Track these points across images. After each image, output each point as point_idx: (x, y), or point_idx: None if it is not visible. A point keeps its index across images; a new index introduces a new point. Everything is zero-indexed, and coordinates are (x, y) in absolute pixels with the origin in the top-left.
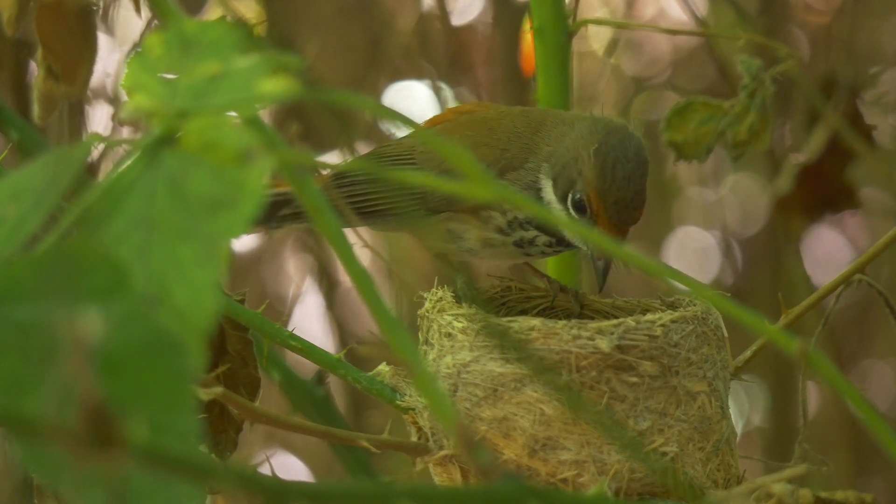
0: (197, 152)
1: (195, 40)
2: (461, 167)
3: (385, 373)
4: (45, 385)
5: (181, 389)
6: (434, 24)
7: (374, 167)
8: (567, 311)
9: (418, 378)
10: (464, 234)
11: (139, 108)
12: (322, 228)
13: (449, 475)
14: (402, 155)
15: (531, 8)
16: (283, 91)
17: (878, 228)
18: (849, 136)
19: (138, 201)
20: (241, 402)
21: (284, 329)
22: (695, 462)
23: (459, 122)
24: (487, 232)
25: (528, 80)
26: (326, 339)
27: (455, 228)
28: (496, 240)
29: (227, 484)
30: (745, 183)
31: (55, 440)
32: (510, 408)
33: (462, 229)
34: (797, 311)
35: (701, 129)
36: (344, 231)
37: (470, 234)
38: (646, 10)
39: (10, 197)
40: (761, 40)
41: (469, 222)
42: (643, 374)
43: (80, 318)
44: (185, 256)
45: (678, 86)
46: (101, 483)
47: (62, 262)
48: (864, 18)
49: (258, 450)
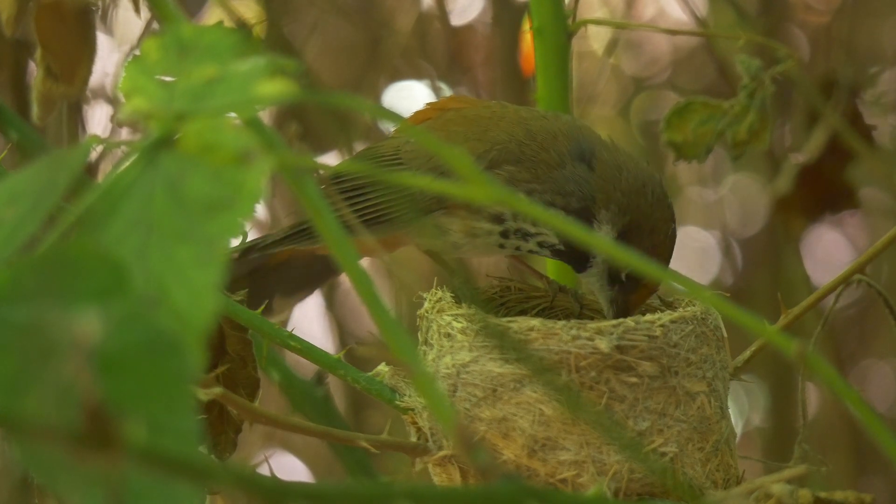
0: (195, 154)
1: (192, 44)
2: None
3: (384, 373)
4: (44, 385)
5: (180, 390)
6: (433, 24)
7: (366, 170)
8: (566, 311)
9: (417, 378)
10: (449, 226)
11: (137, 110)
12: (322, 229)
13: (448, 475)
14: (388, 156)
15: (531, 8)
16: (281, 94)
17: (878, 228)
18: (849, 136)
19: (136, 203)
20: (241, 403)
21: (284, 329)
22: (694, 462)
23: (446, 119)
24: (476, 221)
25: (527, 81)
26: (326, 340)
27: (442, 223)
28: (481, 229)
29: (227, 484)
30: (744, 183)
31: (54, 440)
32: (509, 408)
33: (448, 222)
34: (797, 311)
35: (700, 129)
36: (343, 232)
37: (454, 226)
38: (646, 10)
39: (7, 200)
40: (761, 40)
41: (456, 214)
42: (642, 374)
43: (79, 319)
44: (184, 258)
45: (678, 86)
46: (99, 483)
47: (61, 263)
48: (864, 18)
49: (257, 450)
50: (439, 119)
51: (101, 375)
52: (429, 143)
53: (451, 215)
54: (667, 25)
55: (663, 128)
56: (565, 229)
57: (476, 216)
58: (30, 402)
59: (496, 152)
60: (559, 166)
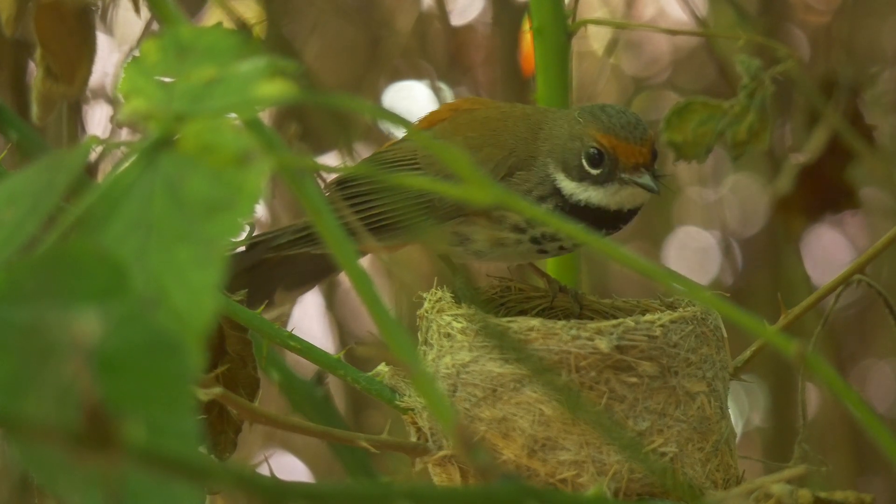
0: (194, 155)
1: (191, 46)
2: (460, 171)
3: (384, 373)
4: (44, 385)
5: (180, 390)
6: (433, 24)
7: (379, 173)
8: (566, 311)
9: (417, 378)
10: (472, 235)
11: (136, 111)
12: (321, 229)
13: (448, 475)
14: (405, 160)
15: (531, 8)
16: (281, 95)
17: (878, 228)
18: (849, 136)
19: (136, 204)
20: (241, 403)
21: (284, 329)
22: (694, 462)
23: (460, 123)
24: (500, 231)
25: (527, 80)
26: (326, 340)
27: (462, 231)
28: (509, 239)
29: (226, 484)
30: (745, 183)
31: (54, 440)
32: (509, 408)
33: (470, 231)
34: (797, 311)
35: (700, 129)
36: (343, 232)
37: (478, 235)
38: (646, 10)
39: (6, 201)
40: (761, 40)
41: (478, 223)
42: (642, 374)
43: (79, 319)
44: (184, 258)
45: (678, 86)
46: (99, 484)
47: (61, 263)
48: (864, 18)
49: (257, 450)
50: (453, 122)
51: (101, 375)
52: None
53: (471, 224)
54: (667, 25)
55: (663, 128)
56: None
57: (498, 226)
58: (30, 402)
59: (514, 159)
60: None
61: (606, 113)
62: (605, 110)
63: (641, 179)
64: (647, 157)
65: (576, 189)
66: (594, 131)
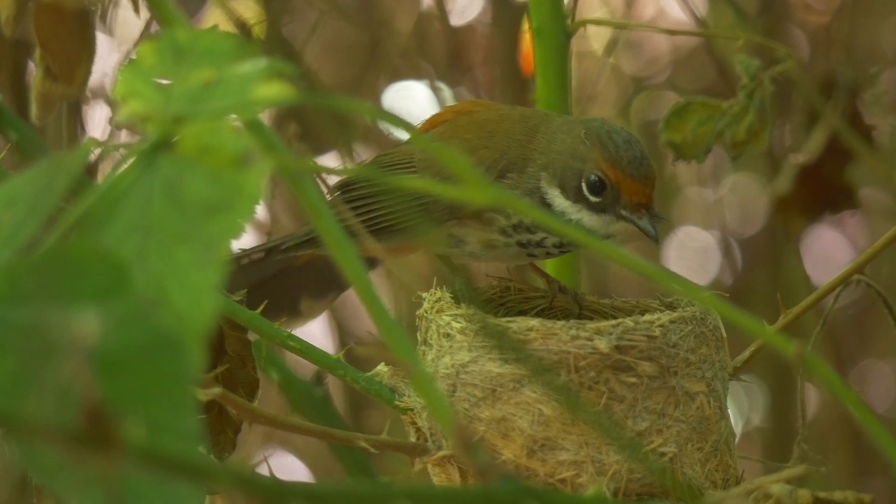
0: (193, 156)
1: (188, 48)
2: (458, 172)
3: (384, 373)
4: (44, 385)
5: (180, 390)
6: (433, 24)
7: (375, 175)
8: (566, 311)
9: (416, 378)
10: (465, 237)
11: (133, 113)
12: (321, 229)
13: (447, 476)
14: (402, 162)
15: (530, 8)
16: (279, 96)
17: (878, 228)
18: (848, 136)
19: (135, 206)
20: (240, 403)
21: (283, 329)
22: (693, 462)
23: (458, 124)
24: (490, 234)
25: (527, 80)
26: (325, 340)
27: (457, 233)
28: (499, 241)
29: (226, 484)
30: (744, 183)
31: (54, 440)
32: (509, 408)
33: (463, 233)
34: (796, 311)
35: (700, 129)
36: (343, 232)
37: (471, 237)
38: (645, 10)
39: (5, 204)
40: (761, 40)
41: (470, 226)
42: (642, 374)
43: (79, 319)
44: (183, 260)
45: (677, 86)
46: (99, 484)
47: (61, 264)
48: (864, 18)
49: (257, 450)
50: (452, 124)
51: (101, 375)
52: (428, 148)
53: (464, 226)
54: (667, 25)
55: (663, 128)
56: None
57: (488, 228)
58: (30, 402)
59: (506, 161)
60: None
61: (614, 142)
62: (612, 137)
63: (640, 222)
64: (649, 198)
65: (570, 208)
66: (600, 160)
